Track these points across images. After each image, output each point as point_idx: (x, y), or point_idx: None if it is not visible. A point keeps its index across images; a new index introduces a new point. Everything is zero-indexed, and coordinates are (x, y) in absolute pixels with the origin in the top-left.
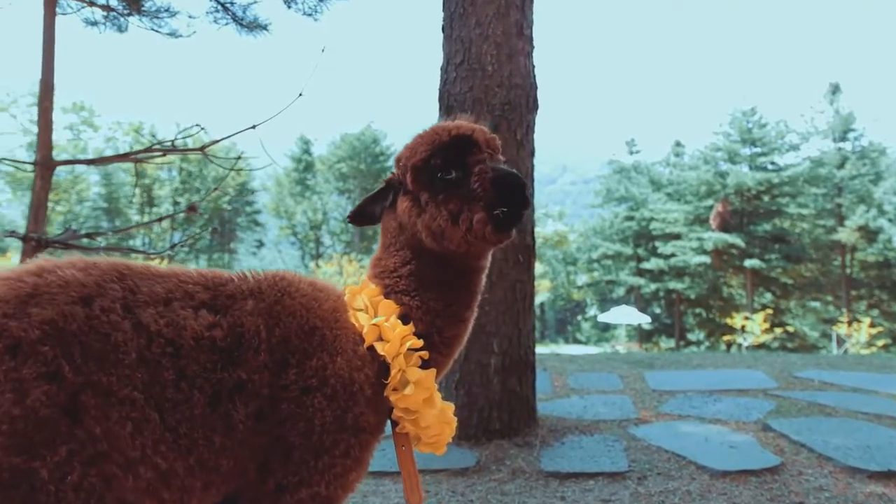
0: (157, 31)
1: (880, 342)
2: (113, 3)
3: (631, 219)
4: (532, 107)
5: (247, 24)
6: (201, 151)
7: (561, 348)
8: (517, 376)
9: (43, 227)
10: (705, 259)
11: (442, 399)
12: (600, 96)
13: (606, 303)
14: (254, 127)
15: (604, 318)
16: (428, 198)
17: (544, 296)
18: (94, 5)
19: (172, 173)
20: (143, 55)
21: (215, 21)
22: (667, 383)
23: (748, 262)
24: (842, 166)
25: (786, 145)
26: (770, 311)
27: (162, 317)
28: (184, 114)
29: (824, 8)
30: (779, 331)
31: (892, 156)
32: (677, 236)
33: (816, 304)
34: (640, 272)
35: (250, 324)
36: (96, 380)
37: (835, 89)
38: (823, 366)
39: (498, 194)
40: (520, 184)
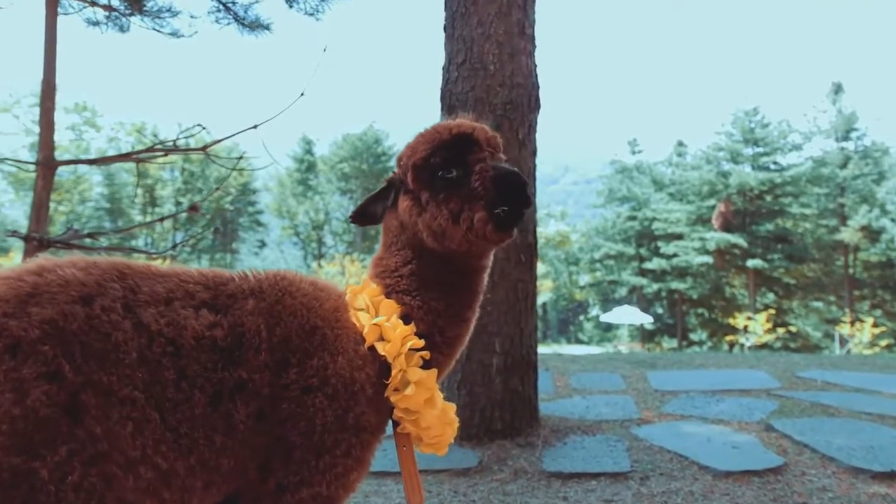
0: (158, 31)
1: (883, 342)
2: (115, 3)
3: (633, 219)
4: (534, 106)
5: (248, 23)
6: (203, 151)
7: (563, 348)
8: (519, 376)
9: (45, 226)
10: (708, 259)
11: (444, 399)
12: (602, 96)
13: (609, 303)
14: (255, 127)
15: (606, 318)
16: (429, 197)
17: (547, 296)
18: (95, 5)
19: (175, 174)
20: (146, 55)
21: (217, 21)
22: (669, 383)
23: (751, 262)
24: (844, 166)
25: (788, 145)
26: (772, 311)
27: (162, 316)
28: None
29: (827, 7)
30: (781, 331)
31: (895, 155)
32: (679, 236)
33: (819, 305)
34: (643, 272)
35: (251, 323)
36: (97, 379)
37: (837, 89)
38: (826, 366)
39: (499, 193)
40: (521, 182)
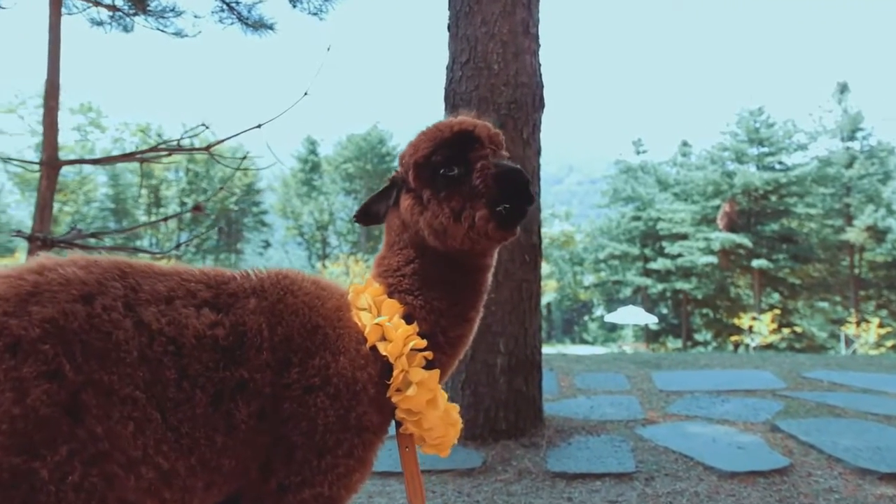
0: (162, 31)
1: (889, 342)
2: (118, 2)
3: (638, 219)
4: (538, 105)
5: (252, 23)
6: (207, 151)
7: (567, 348)
8: (523, 376)
9: (48, 226)
10: (712, 259)
11: (448, 400)
12: (607, 96)
13: (613, 303)
14: (259, 126)
15: (610, 318)
16: (430, 195)
17: (551, 296)
18: (99, 5)
19: (179, 174)
20: (150, 55)
21: (220, 21)
22: (674, 384)
23: (756, 263)
24: (850, 166)
25: (793, 145)
26: (778, 311)
27: (164, 315)
28: (190, 114)
29: (832, 7)
30: (786, 331)
31: None
32: (684, 236)
33: (824, 305)
34: (647, 272)
35: (252, 322)
36: (97, 378)
37: (843, 88)
38: (832, 366)
39: (500, 190)
40: (523, 179)
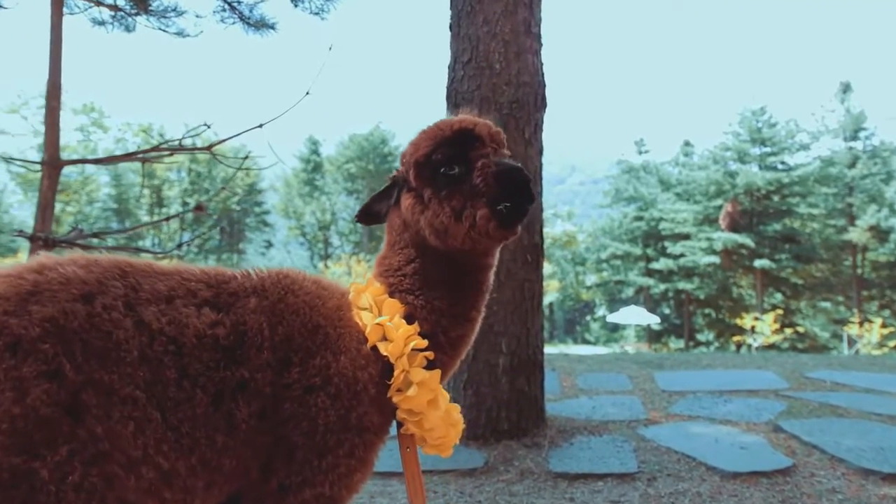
0: (164, 31)
1: (892, 343)
2: (120, 2)
3: (640, 219)
4: (540, 105)
5: (253, 23)
6: (208, 150)
7: (570, 348)
8: (526, 376)
9: (50, 226)
10: (715, 259)
11: (450, 400)
12: (609, 95)
13: (615, 303)
14: (261, 126)
15: (613, 318)
16: (431, 194)
17: (553, 296)
18: (101, 5)
19: (181, 174)
20: (152, 55)
21: (222, 20)
22: (676, 384)
23: (758, 263)
24: (853, 166)
25: (796, 145)
26: (780, 311)
27: (164, 314)
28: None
29: (835, 6)
30: (789, 331)
31: None
32: (686, 236)
33: (827, 305)
34: (650, 272)
35: (253, 322)
36: (98, 378)
37: (846, 88)
38: (835, 366)
39: (501, 189)
40: (524, 178)
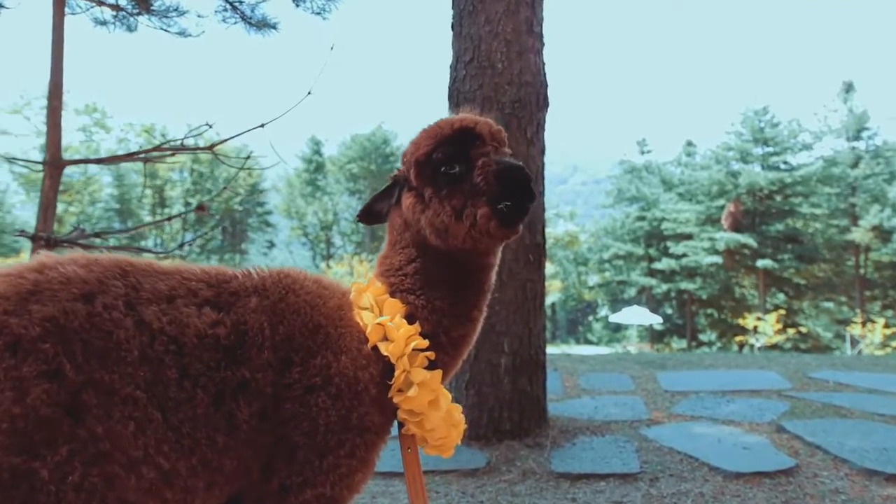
0: (166, 31)
1: (895, 343)
2: (122, 2)
3: (642, 219)
4: (542, 104)
5: (255, 22)
6: (210, 150)
7: (572, 349)
8: (528, 376)
9: (52, 226)
10: (717, 259)
11: (451, 400)
12: (612, 95)
13: (618, 303)
14: (262, 126)
15: (615, 318)
16: (431, 193)
17: (555, 296)
18: (103, 5)
19: (184, 174)
20: (154, 55)
21: (224, 20)
22: (679, 384)
23: (760, 263)
24: (855, 165)
25: (798, 144)
26: (783, 311)
27: (165, 314)
28: (194, 114)
29: (837, 6)
30: (791, 331)
31: None
32: (689, 236)
33: (830, 305)
34: (652, 272)
35: (254, 321)
36: (98, 378)
37: (848, 88)
38: (838, 366)
39: (502, 187)
40: (524, 176)
